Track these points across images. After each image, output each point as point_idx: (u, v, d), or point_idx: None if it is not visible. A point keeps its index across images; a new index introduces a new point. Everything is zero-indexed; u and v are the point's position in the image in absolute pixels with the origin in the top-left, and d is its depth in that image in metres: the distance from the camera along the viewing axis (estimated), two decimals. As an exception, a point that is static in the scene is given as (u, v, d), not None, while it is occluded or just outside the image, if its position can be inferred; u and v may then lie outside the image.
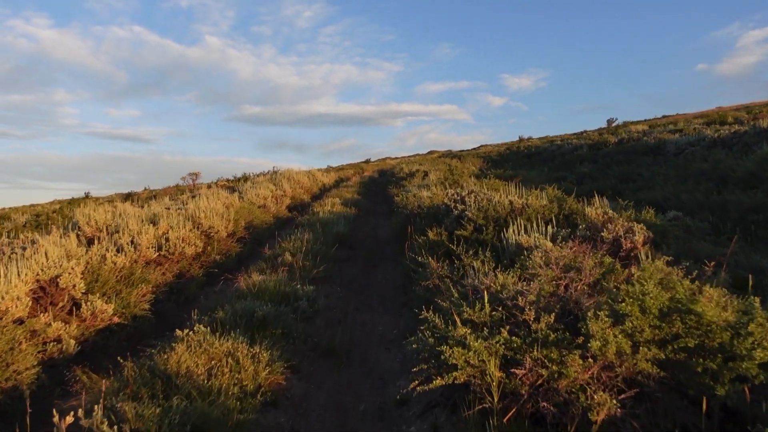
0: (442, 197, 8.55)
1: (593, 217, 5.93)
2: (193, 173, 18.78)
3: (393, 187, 16.28)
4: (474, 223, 5.98)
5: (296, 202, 14.54)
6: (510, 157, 29.79)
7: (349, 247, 8.95)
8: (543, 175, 19.44)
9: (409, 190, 11.93)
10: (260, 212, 11.10)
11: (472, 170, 18.50)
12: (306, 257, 6.91)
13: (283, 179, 15.10)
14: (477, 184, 11.91)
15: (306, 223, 10.05)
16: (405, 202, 9.51)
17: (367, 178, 26.73)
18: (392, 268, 7.76)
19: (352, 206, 13.07)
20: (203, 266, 7.33)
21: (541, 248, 4.28)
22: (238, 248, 8.45)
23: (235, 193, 13.14)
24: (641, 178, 14.15)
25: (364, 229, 10.83)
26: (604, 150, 21.87)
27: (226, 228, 8.55)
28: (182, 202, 10.68)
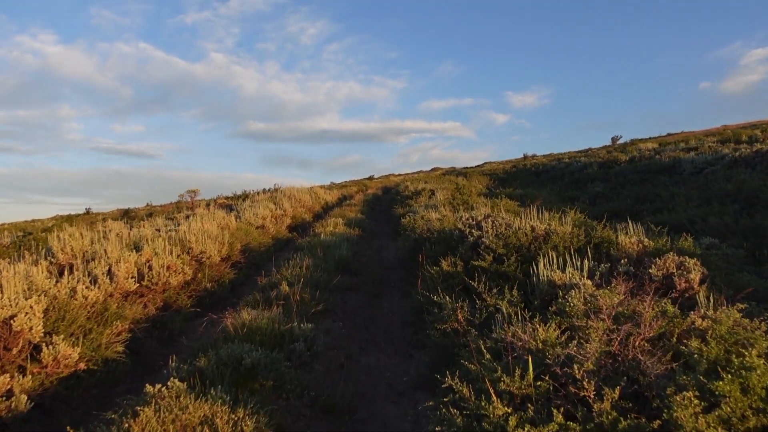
0: (453, 221, 7.89)
1: (627, 246, 5.27)
2: (191, 190, 18.20)
3: (398, 206, 15.65)
4: (493, 253, 5.32)
5: (297, 221, 13.91)
6: (517, 175, 29.20)
7: (353, 273, 8.28)
8: (553, 194, 18.80)
9: (417, 211, 11.29)
10: (258, 234, 10.47)
11: (479, 189, 17.87)
12: (305, 287, 6.24)
13: (284, 198, 14.48)
14: (487, 204, 11.27)
15: (306, 245, 9.40)
16: (413, 224, 8.86)
17: (371, 195, 26.12)
18: (399, 297, 7.09)
19: (356, 227, 12.44)
20: (192, 296, 6.67)
21: (580, 288, 3.61)
22: (233, 274, 7.79)
23: (233, 212, 12.52)
24: (659, 198, 13.48)
25: (368, 253, 10.17)
26: (615, 168, 21.24)
27: (220, 252, 7.91)
28: (176, 223, 10.06)
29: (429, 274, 5.45)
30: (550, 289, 3.98)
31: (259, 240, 10.10)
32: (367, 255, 9.88)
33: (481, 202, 11.36)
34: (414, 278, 6.82)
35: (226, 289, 7.31)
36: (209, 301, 6.87)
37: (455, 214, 9.29)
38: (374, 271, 8.64)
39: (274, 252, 10.32)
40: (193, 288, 6.86)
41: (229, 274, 7.67)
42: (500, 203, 11.23)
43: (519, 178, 27.19)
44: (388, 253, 10.37)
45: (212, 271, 7.42)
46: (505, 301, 3.82)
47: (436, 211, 10.94)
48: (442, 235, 7.08)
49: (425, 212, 10.78)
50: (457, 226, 6.29)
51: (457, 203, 11.47)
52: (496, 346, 2.95)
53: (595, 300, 3.10)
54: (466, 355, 3.00)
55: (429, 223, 8.43)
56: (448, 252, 6.25)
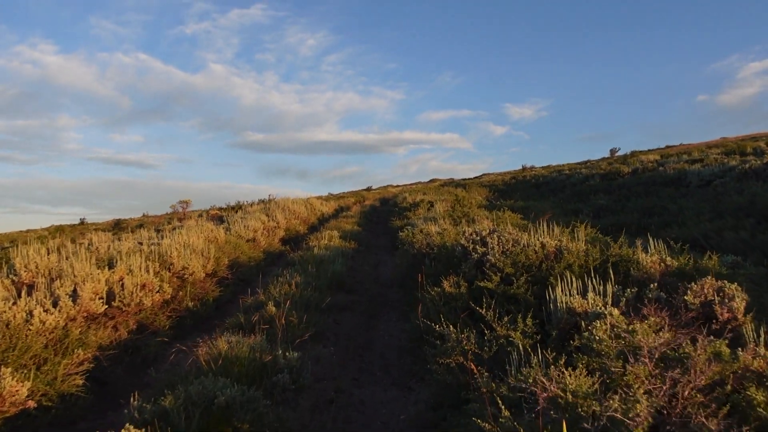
0: (454, 235, 7.38)
1: (649, 266, 4.77)
2: (183, 201, 17.68)
3: (396, 218, 15.16)
4: (500, 272, 4.81)
5: (291, 234, 13.39)
6: (517, 187, 28.77)
7: (347, 291, 7.74)
8: (555, 206, 18.33)
9: (415, 224, 10.79)
10: (248, 247, 9.94)
11: (479, 201, 17.39)
12: (294, 308, 5.71)
13: (277, 209, 13.96)
14: (489, 217, 10.78)
15: (298, 260, 8.88)
16: (411, 238, 8.35)
17: (368, 207, 25.62)
18: (397, 318, 6.56)
19: (352, 240, 11.92)
20: (172, 316, 6.13)
21: (605, 318, 3.10)
22: (218, 292, 7.25)
23: (224, 224, 12.01)
24: (666, 212, 13.01)
25: (365, 268, 9.65)
26: (618, 180, 20.82)
27: (205, 268, 7.38)
28: (161, 236, 9.53)
29: (429, 296, 4.93)
30: (569, 318, 3.46)
31: (249, 254, 9.58)
32: (363, 271, 9.36)
33: (482, 215, 10.87)
34: (413, 297, 6.30)
35: (210, 309, 6.77)
36: (191, 321, 6.33)
37: (456, 227, 8.79)
38: (370, 288, 8.11)
39: (264, 267, 9.79)
40: (174, 307, 6.33)
41: (214, 291, 7.13)
42: (503, 216, 10.74)
43: (519, 190, 26.75)
44: (386, 269, 9.85)
45: (195, 289, 6.89)
46: (518, 332, 3.30)
47: (435, 224, 10.44)
48: (443, 250, 6.57)
49: (424, 225, 10.28)
50: (459, 242, 5.78)
51: (457, 216, 10.97)
52: (513, 395, 2.42)
53: (631, 336, 2.58)
54: (476, 404, 2.48)
55: (428, 237, 7.93)
56: (450, 270, 5.73)
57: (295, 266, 8.35)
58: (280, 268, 8.67)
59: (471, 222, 10.51)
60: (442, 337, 3.63)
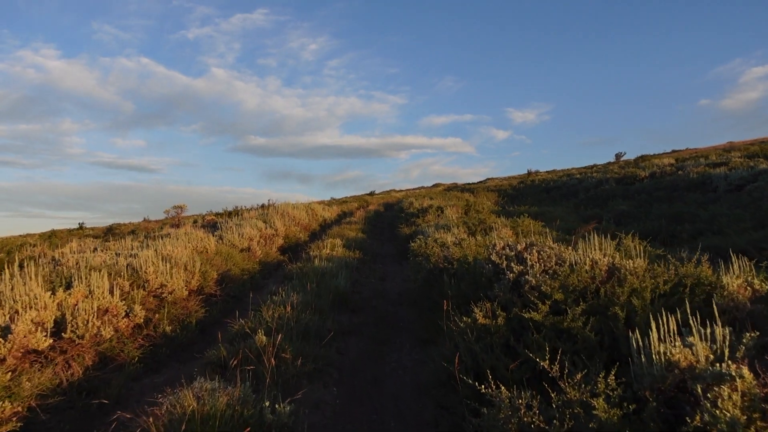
0: (476, 248, 6.39)
1: (734, 290, 3.78)
2: (178, 206, 16.71)
3: (403, 225, 14.16)
4: (546, 298, 3.81)
5: (290, 242, 12.41)
6: (526, 192, 27.76)
7: (352, 310, 6.75)
8: (570, 212, 17.33)
9: (426, 232, 9.80)
10: (242, 258, 8.96)
11: (489, 206, 16.38)
12: (289, 336, 4.73)
13: (276, 215, 12.96)
14: (507, 225, 9.79)
15: (297, 273, 7.90)
16: (425, 250, 7.35)
17: (372, 212, 24.61)
18: (411, 346, 5.56)
19: (356, 248, 10.94)
20: (145, 344, 5.16)
21: (732, 380, 2.11)
22: (203, 312, 6.27)
23: (218, 230, 11.03)
24: (698, 219, 11.98)
25: (371, 282, 8.66)
26: (635, 185, 19.78)
27: (189, 284, 6.40)
28: (145, 245, 8.56)
29: (457, 327, 3.94)
30: (666, 374, 2.47)
31: (243, 265, 8.59)
32: (369, 285, 8.37)
33: (499, 223, 9.87)
34: (431, 323, 5.31)
35: (192, 333, 5.78)
36: (167, 350, 5.34)
37: (474, 237, 7.80)
38: (378, 306, 7.12)
39: (260, 280, 8.81)
40: (148, 333, 5.35)
41: (198, 312, 6.14)
42: (522, 224, 9.75)
43: (529, 195, 25.73)
44: (394, 282, 8.86)
45: (177, 309, 5.91)
46: (600, 399, 2.30)
47: (448, 232, 9.45)
48: (466, 267, 5.58)
49: (436, 233, 9.29)
50: (489, 257, 4.77)
51: (472, 223, 9.97)
52: None
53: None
54: None
55: (445, 248, 6.93)
56: (478, 291, 4.74)
57: (293, 281, 7.38)
58: (275, 284, 7.70)
59: (488, 230, 9.53)
60: (489, 402, 2.62)
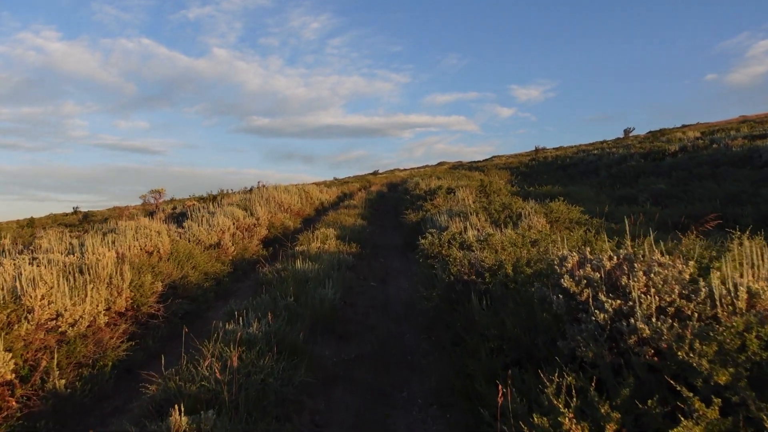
0: (512, 249, 4.50)
1: None
2: (155, 190, 14.88)
3: (409, 209, 12.26)
4: (693, 374, 1.95)
5: (277, 231, 10.55)
6: (540, 169, 25.71)
7: (341, 335, 4.92)
8: (599, 192, 15.38)
9: (438, 222, 7.91)
10: (208, 258, 7.11)
11: (506, 186, 14.41)
12: (231, 407, 2.90)
13: (260, 201, 11.07)
14: (539, 211, 7.89)
15: (274, 279, 6.07)
16: (439, 249, 5.46)
17: (375, 193, 22.67)
18: (425, 403, 3.72)
19: (353, 240, 9.09)
20: (14, 415, 3.35)
21: None
22: (123, 350, 4.41)
23: (188, 220, 9.17)
24: (760, 199, 10.04)
25: (369, 286, 6.82)
26: (666, 161, 17.72)
27: (112, 306, 4.57)
28: (66, 249, 6.70)
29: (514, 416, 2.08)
30: None
31: (207, 268, 6.75)
32: (367, 292, 6.52)
33: (528, 208, 7.96)
34: (455, 375, 3.46)
35: (103, 383, 3.96)
36: (55, 421, 3.52)
37: (499, 228, 5.91)
38: (377, 326, 5.28)
39: (230, 285, 6.98)
40: (25, 393, 3.53)
41: (116, 350, 4.31)
42: (557, 210, 7.85)
43: (544, 173, 23.70)
44: (398, 286, 7.01)
45: (84, 348, 4.09)
46: None
47: (466, 220, 7.57)
48: (507, 284, 3.70)
49: (452, 223, 7.40)
50: (558, 282, 2.88)
51: (494, 209, 8.07)
52: None
53: None
54: None
55: (468, 249, 5.05)
56: (536, 333, 2.88)
57: (268, 289, 5.55)
58: (247, 290, 5.86)
59: (515, 219, 7.65)
60: None
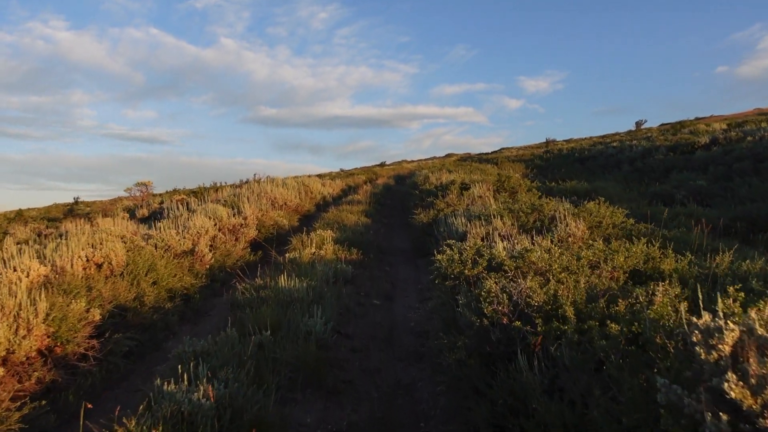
0: (572, 282, 3.20)
1: None
2: (141, 183, 13.68)
3: (418, 206, 10.94)
4: None
5: (268, 232, 9.28)
6: (555, 162, 24.22)
7: (331, 390, 3.64)
8: (624, 187, 13.99)
9: (454, 227, 6.61)
10: (176, 268, 5.85)
11: (524, 181, 13.02)
12: None
13: (250, 196, 9.77)
14: (577, 214, 6.58)
15: (252, 299, 4.82)
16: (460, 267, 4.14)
17: (381, 186, 21.33)
18: None
19: (354, 244, 7.82)
20: None
21: None
22: (18, 418, 3.16)
23: (163, 220, 7.91)
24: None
25: (371, 305, 5.54)
26: (698, 154, 16.25)
27: (19, 348, 3.33)
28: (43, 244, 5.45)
29: None
30: None
31: (172, 283, 5.50)
32: (368, 315, 5.24)
33: (562, 210, 6.62)
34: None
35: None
36: None
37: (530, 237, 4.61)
38: (381, 371, 4.00)
39: (201, 304, 5.72)
40: None
41: (11, 417, 3.05)
42: (598, 213, 6.50)
43: (560, 166, 22.23)
44: (407, 305, 5.73)
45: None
46: None
47: (488, 224, 6.27)
48: (572, 338, 2.41)
49: (471, 227, 6.11)
50: (714, 385, 1.57)
51: (521, 211, 6.76)
52: None
53: None
54: None
55: (503, 274, 3.76)
56: None
57: (228, 329, 4.30)
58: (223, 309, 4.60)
59: (549, 223, 6.35)
60: None
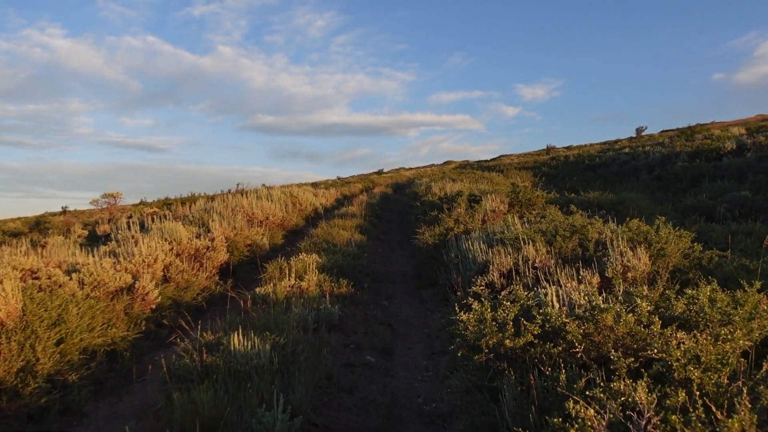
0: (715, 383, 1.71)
1: None
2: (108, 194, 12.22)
3: (421, 221, 9.42)
4: None
5: (242, 255, 7.76)
6: (564, 170, 22.75)
7: None
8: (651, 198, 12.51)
9: (467, 251, 5.09)
10: (105, 314, 4.32)
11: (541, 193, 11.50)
12: None
13: (219, 213, 8.24)
14: (625, 234, 5.09)
15: (188, 370, 3.31)
16: (497, 336, 2.64)
17: (378, 196, 19.82)
18: None
19: (344, 272, 6.32)
20: None
21: None
22: None
23: (111, 243, 6.38)
24: None
25: (363, 371, 4.02)
26: (726, 161, 14.76)
27: None
28: None
29: None
30: None
31: (90, 338, 3.96)
32: (359, 387, 3.71)
33: (608, 233, 5.12)
34: None
35: None
36: None
37: (578, 272, 3.10)
38: None
39: (123, 369, 4.18)
40: None
41: None
42: (660, 238, 4.99)
43: (571, 174, 20.77)
44: (413, 365, 4.22)
45: None
46: None
47: (517, 252, 4.78)
48: None
49: (493, 256, 4.60)
50: None
51: (559, 234, 5.25)
52: None
53: None
54: None
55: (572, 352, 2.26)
56: None
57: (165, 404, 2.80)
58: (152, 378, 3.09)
59: (596, 251, 4.85)
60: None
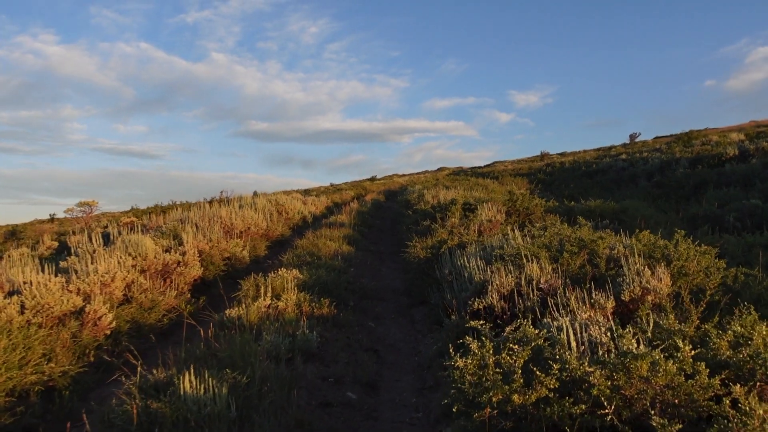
0: None
1: None
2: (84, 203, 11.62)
3: (413, 232, 8.85)
4: None
5: (218, 270, 7.14)
6: (560, 176, 22.28)
7: None
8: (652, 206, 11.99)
9: (462, 268, 4.52)
10: (42, 346, 3.69)
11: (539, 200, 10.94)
12: None
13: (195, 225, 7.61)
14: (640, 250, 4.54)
15: (126, 419, 2.70)
16: (504, 391, 2.05)
17: (370, 204, 19.21)
18: None
19: (327, 290, 5.73)
20: None
21: None
22: None
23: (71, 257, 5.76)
24: None
25: (343, 414, 3.42)
26: (729, 167, 14.29)
27: None
28: None
29: None
30: None
31: (18, 377, 3.34)
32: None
33: (621, 249, 4.56)
34: None
35: None
36: None
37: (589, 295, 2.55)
38: None
39: (63, 411, 3.56)
40: None
41: None
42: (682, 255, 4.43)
43: (567, 181, 20.29)
44: (401, 404, 3.63)
45: None
46: None
47: (519, 271, 4.21)
48: None
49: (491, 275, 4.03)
50: None
51: (566, 249, 4.68)
52: None
53: None
54: None
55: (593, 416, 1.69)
56: None
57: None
58: None
59: (607, 269, 4.30)
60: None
